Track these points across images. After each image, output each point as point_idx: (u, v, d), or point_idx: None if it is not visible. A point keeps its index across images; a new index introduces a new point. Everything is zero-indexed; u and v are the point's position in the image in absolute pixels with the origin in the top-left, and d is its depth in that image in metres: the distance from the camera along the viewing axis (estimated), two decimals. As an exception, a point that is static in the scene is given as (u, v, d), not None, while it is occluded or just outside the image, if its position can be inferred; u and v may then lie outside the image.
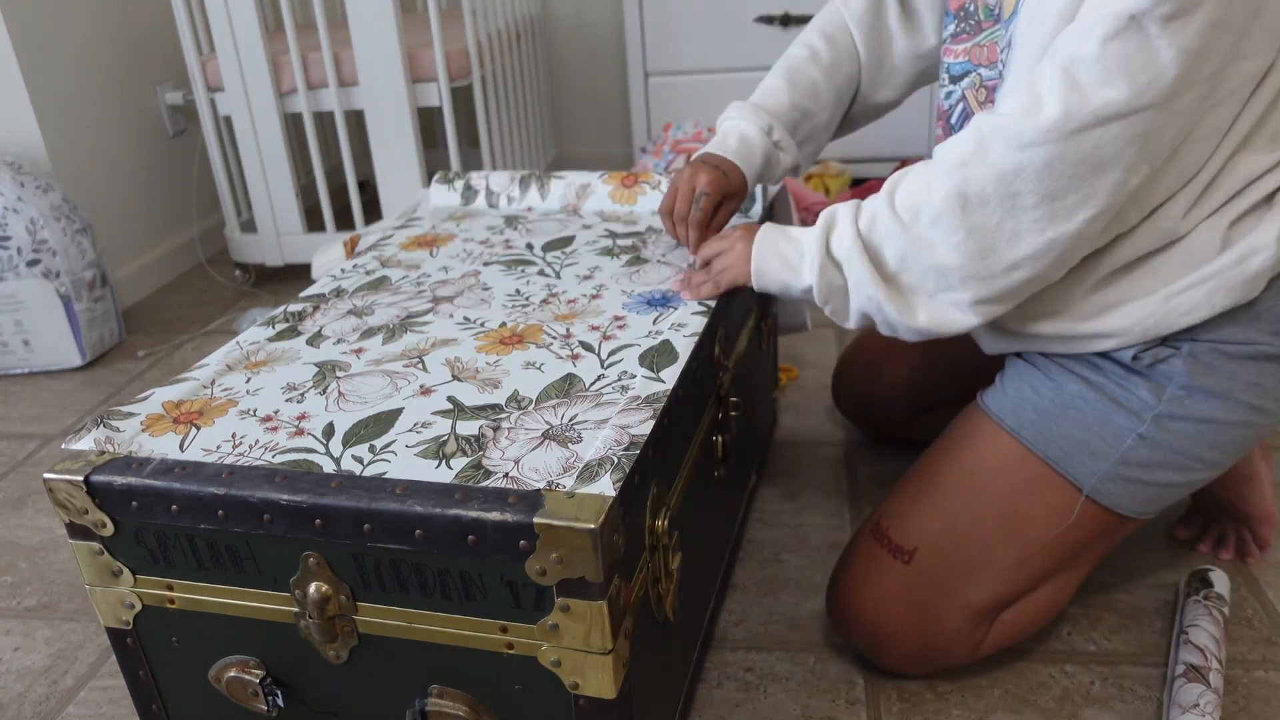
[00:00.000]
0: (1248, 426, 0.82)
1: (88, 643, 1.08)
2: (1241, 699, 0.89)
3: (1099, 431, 0.83)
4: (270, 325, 0.92)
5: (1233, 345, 0.80)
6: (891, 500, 0.93)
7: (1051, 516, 0.85)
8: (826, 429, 1.39)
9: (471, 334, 0.87)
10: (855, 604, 0.91)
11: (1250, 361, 0.80)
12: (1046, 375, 0.87)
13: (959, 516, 0.87)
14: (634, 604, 0.68)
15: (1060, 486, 0.85)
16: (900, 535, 0.89)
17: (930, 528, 0.88)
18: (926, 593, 0.88)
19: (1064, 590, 0.92)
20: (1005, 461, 0.87)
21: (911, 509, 0.90)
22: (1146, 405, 0.82)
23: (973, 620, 0.88)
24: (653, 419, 0.70)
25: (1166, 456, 0.82)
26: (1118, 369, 0.84)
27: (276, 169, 1.98)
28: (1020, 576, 0.88)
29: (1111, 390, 0.83)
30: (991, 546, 0.87)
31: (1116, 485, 0.84)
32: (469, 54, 1.91)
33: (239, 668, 0.74)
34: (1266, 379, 0.81)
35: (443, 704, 0.70)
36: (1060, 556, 0.88)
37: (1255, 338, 0.80)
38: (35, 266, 1.70)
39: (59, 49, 1.89)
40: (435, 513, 0.63)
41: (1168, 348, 0.81)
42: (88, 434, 0.74)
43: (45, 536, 1.29)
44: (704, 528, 0.92)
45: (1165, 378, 0.81)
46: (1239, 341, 0.80)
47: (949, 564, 0.87)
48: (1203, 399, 0.81)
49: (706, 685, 0.95)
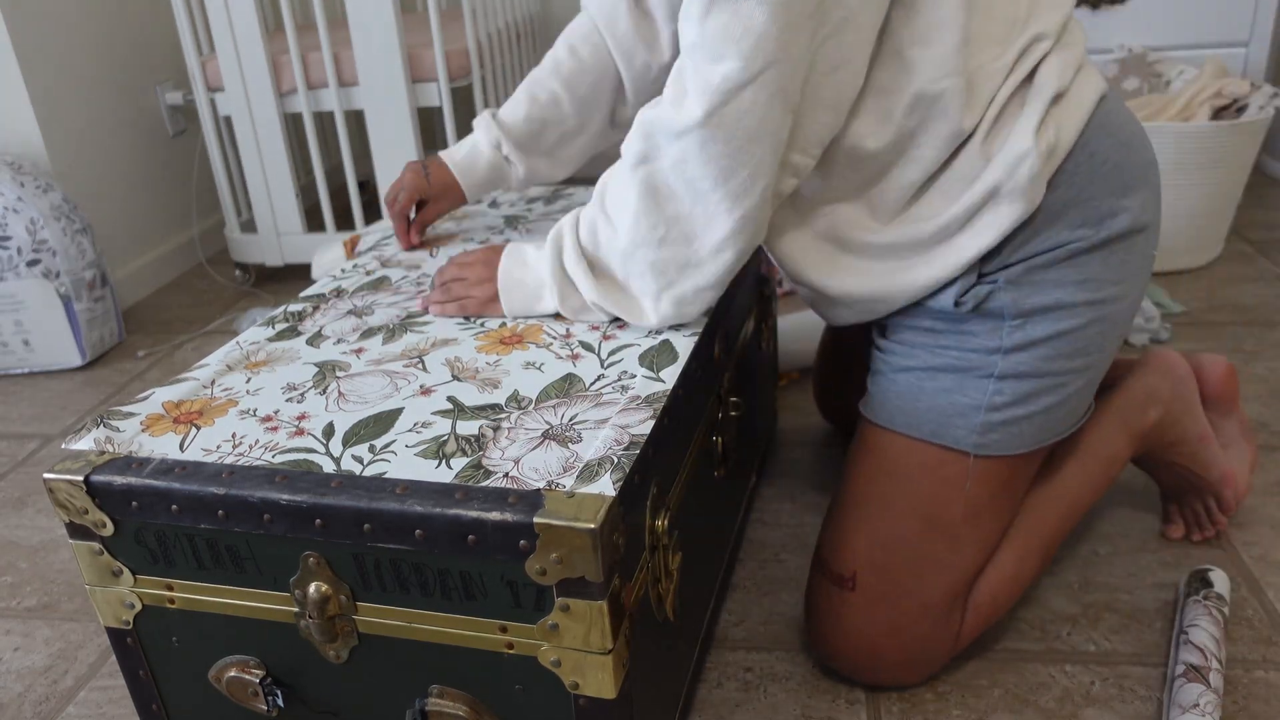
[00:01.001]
0: (1100, 321, 0.83)
1: (88, 643, 1.08)
2: (1241, 699, 0.89)
3: (959, 393, 0.84)
4: (270, 325, 0.92)
5: (1044, 255, 0.80)
6: (823, 531, 0.94)
7: (955, 491, 0.86)
8: (826, 429, 1.39)
9: (471, 334, 0.87)
10: (825, 641, 0.92)
11: (1068, 262, 0.81)
12: (896, 363, 0.88)
13: (879, 528, 0.88)
14: (634, 604, 0.68)
15: (950, 459, 0.86)
16: (838, 563, 0.90)
17: (859, 547, 0.89)
18: (882, 610, 0.88)
19: (1029, 558, 0.92)
20: (895, 457, 0.88)
21: (840, 535, 0.91)
22: (990, 349, 0.83)
23: (938, 617, 0.89)
24: (653, 419, 0.70)
25: (1032, 385, 0.83)
26: (949, 324, 0.84)
27: (276, 169, 1.98)
28: (960, 560, 0.88)
29: (955, 350, 0.84)
30: (919, 544, 0.87)
31: (997, 433, 0.84)
32: (469, 54, 1.91)
33: (239, 668, 0.74)
34: (1092, 270, 0.81)
35: (443, 704, 0.70)
36: (987, 523, 0.88)
37: (1063, 238, 0.80)
38: (35, 266, 1.70)
39: (59, 49, 1.89)
40: (435, 512, 0.63)
41: (984, 284, 0.82)
42: (88, 434, 0.74)
43: (45, 536, 1.29)
44: (704, 528, 0.92)
45: (996, 314, 0.82)
46: (1048, 249, 0.80)
47: (889, 576, 0.88)
48: (1040, 319, 0.81)
49: (706, 685, 0.95)
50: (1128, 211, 0.81)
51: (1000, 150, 0.78)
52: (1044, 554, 0.94)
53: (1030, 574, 0.93)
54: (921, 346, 0.86)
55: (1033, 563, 0.93)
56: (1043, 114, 0.78)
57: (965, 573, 0.89)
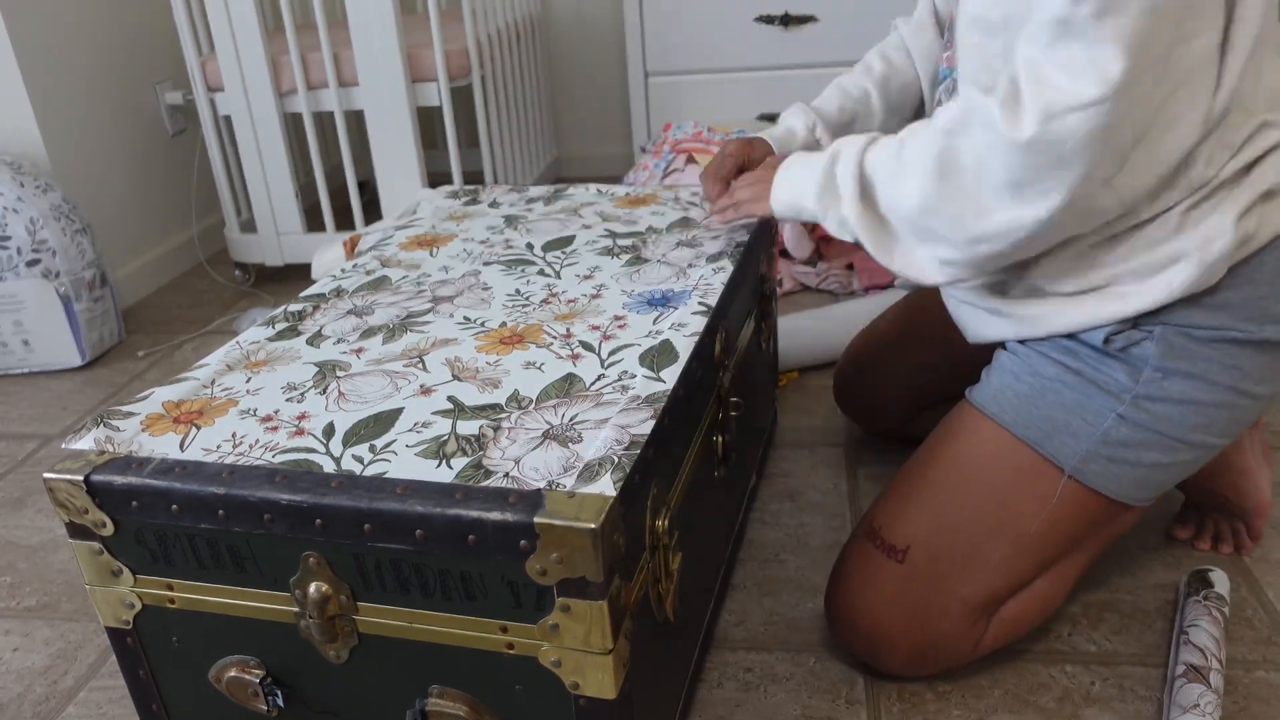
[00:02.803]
0: (1231, 408, 0.82)
1: (88, 643, 1.08)
2: (1241, 699, 0.89)
3: (1079, 412, 0.84)
4: (270, 325, 0.92)
5: (1202, 330, 0.80)
6: (883, 500, 0.93)
7: (1039, 506, 0.86)
8: (826, 429, 1.39)
9: (472, 334, 0.87)
10: (852, 606, 0.91)
11: (1223, 345, 0.80)
12: (1025, 362, 0.87)
13: (949, 511, 0.88)
14: (634, 604, 0.68)
15: (1045, 473, 0.85)
16: (892, 534, 0.90)
17: (921, 524, 0.88)
18: (922, 590, 0.88)
19: (1061, 585, 0.92)
20: (990, 451, 0.87)
21: (902, 507, 0.90)
22: (1124, 387, 0.82)
23: (970, 616, 0.88)
24: (653, 419, 0.70)
25: (1149, 437, 0.83)
26: (1093, 353, 0.84)
27: (276, 169, 1.98)
28: (1014, 569, 0.88)
29: (1089, 373, 0.84)
30: (983, 539, 0.87)
31: (1099, 465, 0.84)
32: (469, 54, 1.91)
33: (239, 667, 0.74)
34: (1243, 362, 0.81)
35: (443, 704, 0.70)
36: (1053, 547, 0.88)
37: (1225, 324, 0.80)
38: (35, 266, 1.70)
39: (59, 49, 1.89)
40: (435, 512, 0.63)
41: (1139, 331, 0.82)
42: (88, 434, 0.74)
43: (45, 536, 1.28)
44: (704, 528, 0.92)
45: (1140, 360, 0.82)
46: (1208, 326, 0.80)
47: (942, 559, 0.87)
48: (1179, 381, 0.81)
49: (706, 685, 0.95)
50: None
51: (1199, 223, 0.78)
52: (1072, 583, 0.93)
53: (1058, 601, 0.93)
54: (1057, 359, 0.86)
55: (1061, 591, 0.92)
56: (1250, 203, 0.78)
57: (1010, 584, 0.88)
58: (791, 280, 1.83)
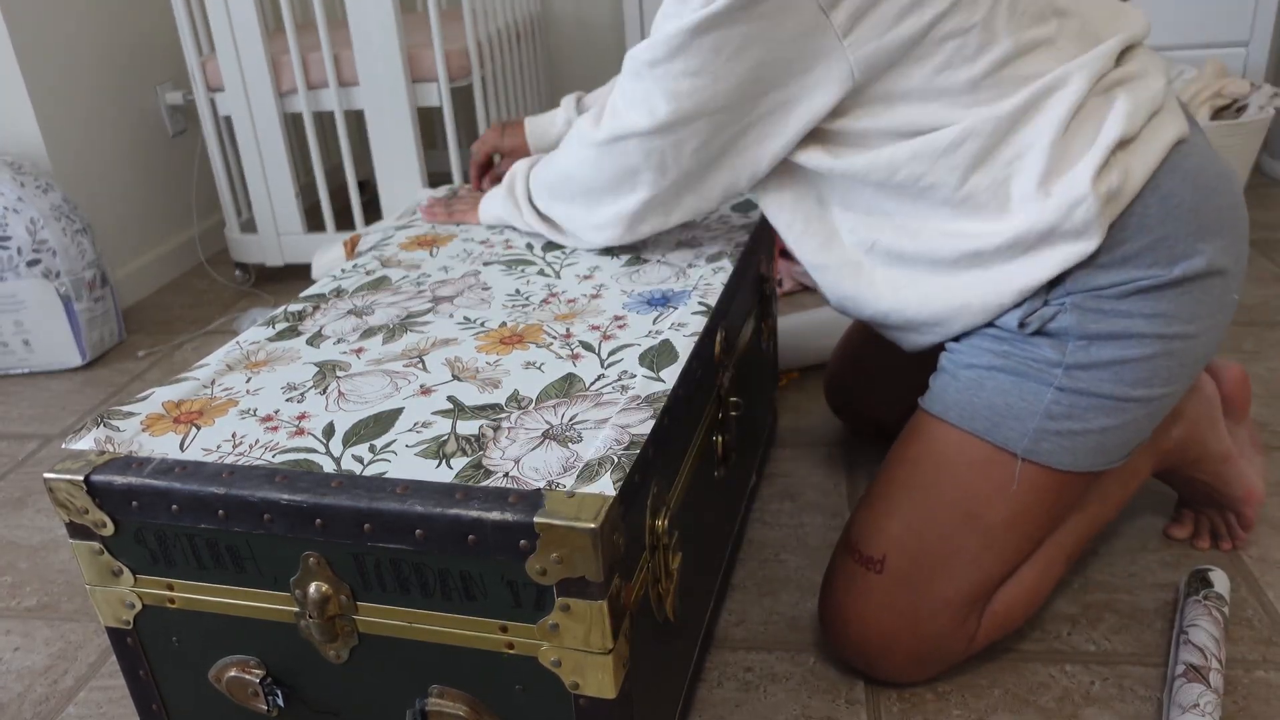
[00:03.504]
0: (1168, 355, 0.82)
1: (88, 643, 1.08)
2: (1241, 699, 0.89)
3: (1017, 395, 0.84)
4: (270, 325, 0.92)
5: (1112, 289, 0.80)
6: (856, 513, 0.94)
7: (1001, 494, 0.86)
8: (826, 429, 1.39)
9: (471, 334, 0.87)
10: (842, 620, 0.92)
11: (1137, 297, 0.81)
12: (960, 358, 0.88)
13: (916, 515, 0.88)
14: (634, 604, 0.68)
15: (999, 461, 0.86)
16: (868, 546, 0.90)
17: (892, 532, 0.89)
18: (906, 597, 0.88)
19: (1049, 573, 0.92)
20: (944, 450, 0.88)
21: (873, 517, 0.91)
22: (1053, 361, 0.83)
23: (957, 615, 0.89)
24: (653, 419, 0.70)
25: (1091, 403, 0.83)
26: (1017, 336, 0.85)
27: (276, 169, 1.98)
28: (990, 561, 0.88)
29: (1017, 355, 0.84)
30: (954, 537, 0.87)
31: (1050, 443, 0.84)
32: (469, 54, 1.91)
33: (239, 667, 0.74)
34: (1164, 307, 0.81)
35: (443, 704, 0.70)
36: (1024, 533, 0.88)
37: (1133, 276, 0.80)
38: (35, 266, 1.70)
39: (59, 49, 1.89)
40: (435, 512, 0.63)
41: (1050, 306, 0.82)
42: (88, 434, 0.74)
43: (45, 536, 1.29)
44: (704, 528, 0.92)
45: (1061, 333, 0.82)
46: (1117, 284, 0.80)
47: (919, 563, 0.88)
48: (1104, 344, 0.81)
49: (706, 685, 0.95)
50: (1203, 254, 0.81)
51: (1058, 191, 0.78)
52: (1061, 570, 0.94)
53: (1047, 589, 0.93)
54: (987, 349, 0.86)
55: (1050, 578, 0.93)
56: (1103, 161, 0.78)
57: (991, 576, 0.89)
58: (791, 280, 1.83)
